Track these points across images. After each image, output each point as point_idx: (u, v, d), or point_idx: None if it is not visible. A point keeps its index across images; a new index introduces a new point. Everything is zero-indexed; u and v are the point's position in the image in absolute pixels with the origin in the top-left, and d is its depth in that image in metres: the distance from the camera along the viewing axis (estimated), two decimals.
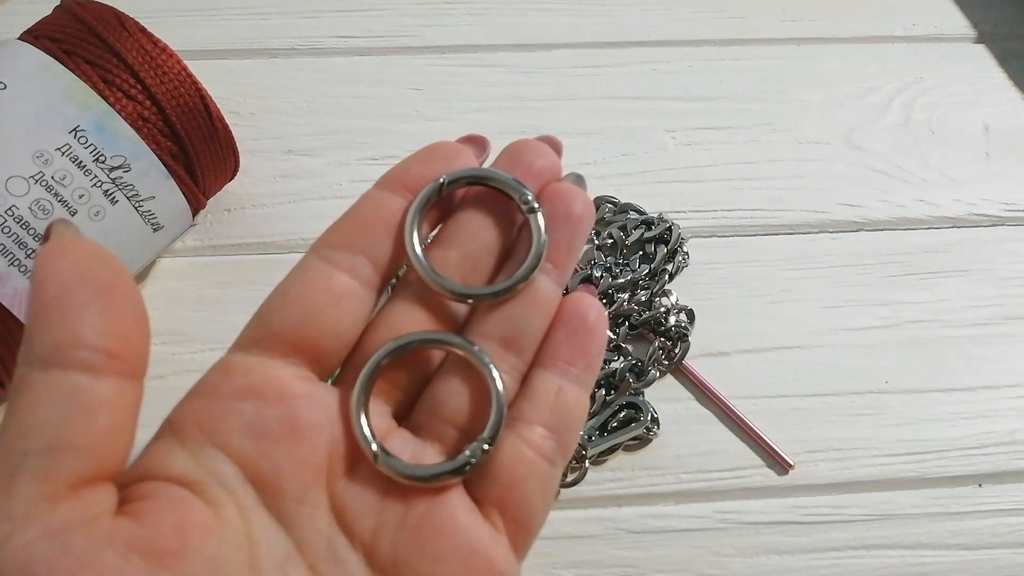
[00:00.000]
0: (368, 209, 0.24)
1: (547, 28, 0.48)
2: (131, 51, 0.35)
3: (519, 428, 0.24)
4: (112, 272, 0.20)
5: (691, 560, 0.36)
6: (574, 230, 0.25)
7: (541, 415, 0.24)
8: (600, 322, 0.25)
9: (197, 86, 0.36)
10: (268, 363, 0.22)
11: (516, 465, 0.23)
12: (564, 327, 0.25)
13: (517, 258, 0.25)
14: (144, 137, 0.35)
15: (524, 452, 0.23)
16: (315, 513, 0.22)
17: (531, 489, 0.23)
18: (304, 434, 0.22)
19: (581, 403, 0.25)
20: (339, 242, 0.24)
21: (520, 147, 0.26)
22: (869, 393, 0.40)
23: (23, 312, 0.33)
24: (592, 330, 0.25)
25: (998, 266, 0.43)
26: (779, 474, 0.38)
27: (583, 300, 0.25)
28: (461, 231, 0.25)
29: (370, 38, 0.47)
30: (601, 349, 0.25)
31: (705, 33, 0.49)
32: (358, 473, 0.23)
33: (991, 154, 0.46)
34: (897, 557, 0.37)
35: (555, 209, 0.25)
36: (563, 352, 0.24)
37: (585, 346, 0.25)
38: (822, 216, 0.44)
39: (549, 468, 0.24)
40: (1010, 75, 0.48)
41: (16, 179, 0.33)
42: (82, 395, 0.19)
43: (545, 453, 0.24)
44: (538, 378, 0.24)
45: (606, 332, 0.25)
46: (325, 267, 0.23)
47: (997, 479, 0.38)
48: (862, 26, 0.49)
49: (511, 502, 0.23)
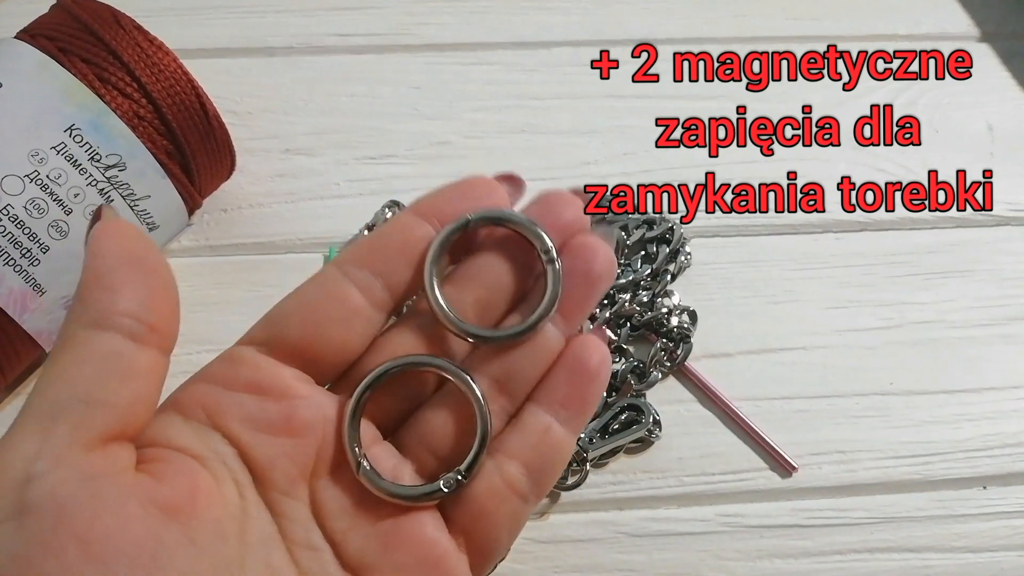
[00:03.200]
0: (395, 233, 0.25)
1: (547, 26, 0.48)
2: (127, 49, 0.35)
3: (499, 460, 0.24)
4: (154, 256, 0.22)
5: (693, 564, 0.36)
6: (590, 287, 0.25)
7: (523, 451, 0.24)
8: (602, 368, 0.25)
9: (193, 84, 0.36)
10: (273, 363, 0.24)
11: (488, 497, 0.24)
12: (565, 369, 0.25)
13: (530, 304, 0.26)
14: (140, 136, 0.35)
15: (498, 485, 0.24)
16: (297, 505, 0.23)
17: (498, 522, 0.24)
18: (299, 432, 0.23)
19: (566, 446, 0.25)
20: (361, 260, 0.25)
21: (551, 197, 0.26)
22: (873, 395, 0.39)
23: (19, 312, 0.33)
24: (592, 377, 0.25)
25: (1002, 266, 0.43)
26: (782, 477, 0.38)
27: (589, 345, 0.25)
28: (478, 272, 0.25)
29: (368, 36, 0.47)
30: (598, 395, 0.25)
31: (706, 32, 0.48)
32: (340, 477, 0.24)
33: (995, 154, 0.46)
34: (901, 560, 0.36)
35: (575, 264, 0.25)
36: (559, 393, 0.25)
37: (582, 391, 0.25)
38: (825, 216, 0.44)
39: (520, 504, 0.24)
40: (1014, 74, 0.48)
41: (11, 178, 0.32)
42: (122, 358, 0.21)
43: (519, 490, 0.24)
44: (529, 413, 0.25)
45: (607, 379, 0.25)
46: (342, 283, 0.24)
47: (1002, 481, 0.38)
48: (865, 25, 0.49)
49: (477, 531, 0.24)
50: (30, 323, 0.34)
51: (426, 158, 0.44)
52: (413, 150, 0.44)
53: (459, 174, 0.43)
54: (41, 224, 0.33)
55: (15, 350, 0.34)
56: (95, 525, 0.19)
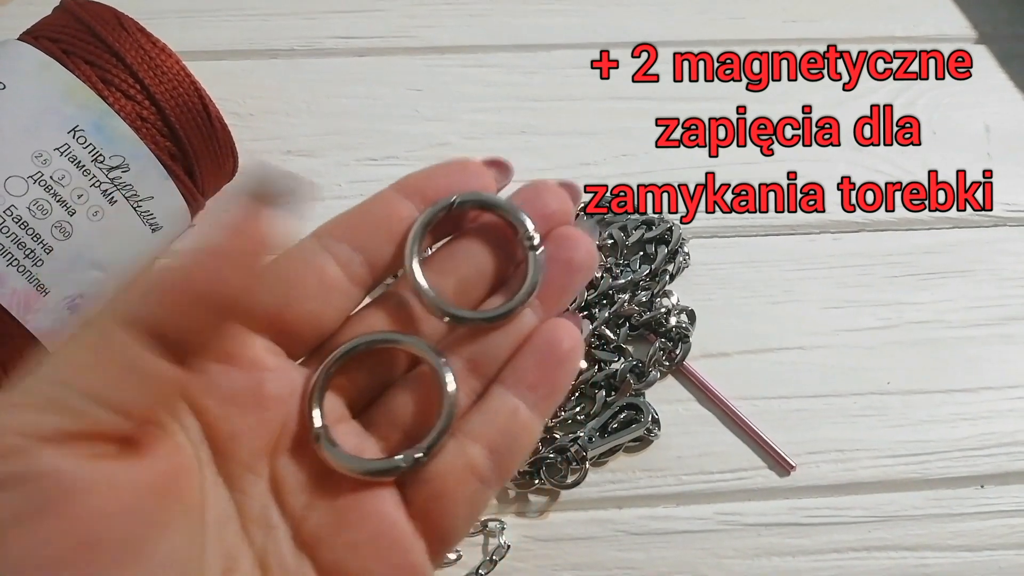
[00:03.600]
0: (378, 208, 0.25)
1: (547, 28, 0.48)
2: (130, 51, 0.35)
3: (462, 441, 0.24)
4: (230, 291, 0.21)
5: (692, 562, 0.36)
6: (570, 276, 0.25)
7: (488, 433, 0.24)
8: (573, 352, 0.25)
9: (196, 86, 0.36)
10: (245, 332, 0.23)
11: (447, 477, 0.23)
12: (535, 352, 0.24)
13: (509, 289, 0.25)
14: (143, 137, 0.35)
15: (459, 466, 0.23)
16: (257, 480, 0.23)
17: (457, 504, 0.23)
18: (266, 405, 0.23)
19: (532, 429, 0.24)
20: (342, 234, 0.24)
21: (538, 186, 0.26)
22: (871, 394, 0.40)
23: (22, 313, 0.33)
24: (562, 360, 0.24)
25: (1000, 267, 0.43)
26: (780, 475, 0.38)
27: (559, 328, 0.25)
28: (461, 254, 0.25)
29: (370, 39, 0.47)
30: (568, 379, 0.25)
31: (705, 34, 0.48)
32: (302, 452, 0.23)
33: (992, 155, 0.46)
34: (899, 559, 0.37)
35: (557, 252, 0.25)
36: (528, 375, 0.24)
37: (551, 374, 0.24)
38: (823, 216, 0.44)
39: (480, 488, 0.24)
40: (1011, 76, 0.48)
41: (15, 179, 0.33)
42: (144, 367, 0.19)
43: (480, 472, 0.24)
44: (496, 395, 0.24)
45: (578, 362, 0.25)
46: (321, 255, 0.24)
47: (999, 480, 0.38)
48: (863, 27, 0.49)
49: (434, 512, 0.23)
50: (33, 323, 0.34)
51: (427, 159, 0.43)
52: (414, 151, 0.44)
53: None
54: (44, 225, 0.33)
55: (18, 350, 0.34)
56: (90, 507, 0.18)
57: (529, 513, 0.37)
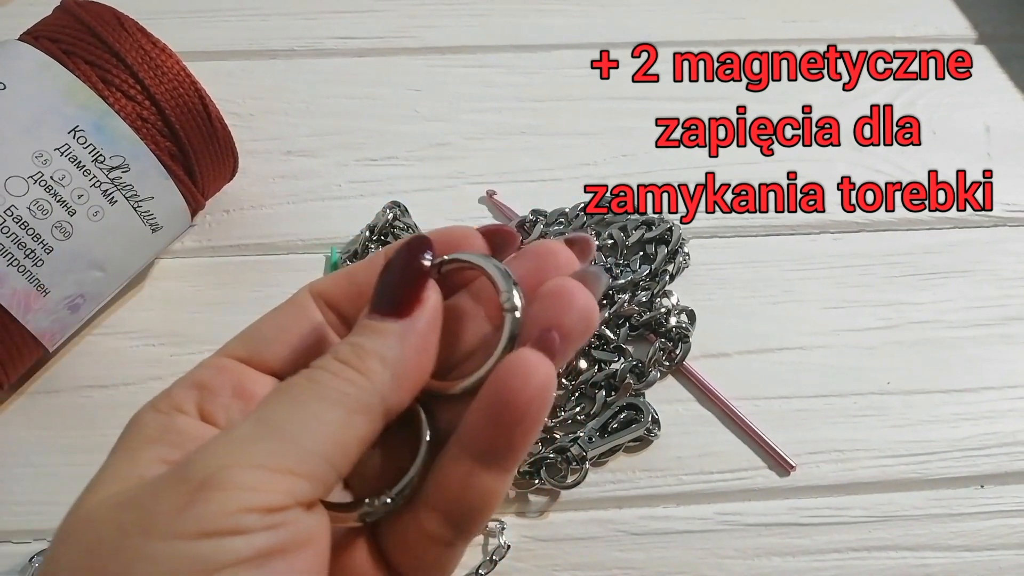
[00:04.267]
0: (366, 275, 0.24)
1: (547, 29, 0.48)
2: (130, 51, 0.35)
3: (417, 511, 0.22)
4: None
5: (692, 562, 0.36)
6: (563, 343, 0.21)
7: (442, 499, 0.22)
8: (536, 401, 0.20)
9: (196, 87, 0.36)
10: (256, 373, 0.24)
11: (412, 545, 0.22)
12: (486, 407, 0.21)
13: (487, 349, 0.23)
14: (143, 137, 0.35)
15: (419, 535, 0.22)
16: None
17: (424, 562, 0.23)
18: None
19: (494, 492, 0.22)
20: (335, 298, 0.25)
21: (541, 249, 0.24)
22: (871, 394, 0.40)
23: (22, 313, 0.33)
24: (519, 418, 0.20)
25: (1000, 267, 0.43)
26: (780, 475, 0.38)
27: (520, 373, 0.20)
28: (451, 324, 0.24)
29: (370, 39, 0.47)
30: (532, 434, 0.21)
31: (705, 34, 0.49)
32: None
33: (993, 155, 0.46)
34: (899, 559, 0.37)
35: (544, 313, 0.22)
36: (481, 435, 0.21)
37: (507, 434, 0.21)
38: (823, 216, 0.44)
39: (445, 550, 0.22)
40: (1011, 76, 0.48)
41: (15, 179, 0.33)
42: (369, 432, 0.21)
43: (439, 539, 0.22)
44: (450, 453, 0.22)
45: (544, 411, 0.21)
46: (315, 314, 0.24)
47: (999, 480, 0.38)
48: (863, 27, 0.49)
49: (402, 566, 0.23)
50: (33, 323, 0.34)
51: (426, 159, 0.44)
52: (414, 152, 0.44)
53: (459, 175, 0.44)
54: (45, 225, 0.33)
55: (18, 350, 0.34)
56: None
57: (529, 513, 0.37)
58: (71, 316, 0.36)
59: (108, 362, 0.38)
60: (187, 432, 0.22)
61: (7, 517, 0.35)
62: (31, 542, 0.35)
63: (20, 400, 0.38)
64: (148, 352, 0.39)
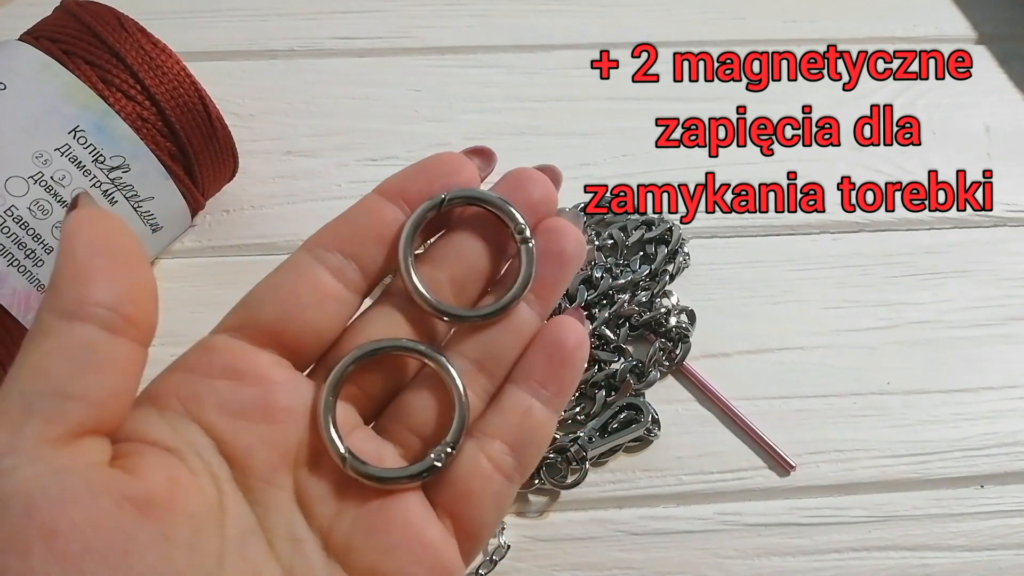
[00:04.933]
0: (363, 215, 0.25)
1: (547, 29, 0.48)
2: (130, 52, 0.35)
3: (482, 440, 0.24)
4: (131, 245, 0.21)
5: (692, 562, 0.36)
6: (563, 267, 0.26)
7: (505, 431, 0.25)
8: (579, 349, 0.25)
9: (196, 87, 0.36)
10: (248, 348, 0.24)
11: (472, 476, 0.24)
12: (542, 350, 0.25)
13: (504, 284, 0.26)
14: (143, 138, 0.35)
15: (482, 465, 0.24)
16: (279, 493, 0.23)
17: (484, 501, 0.24)
18: (277, 418, 0.23)
19: (547, 425, 0.25)
20: (331, 243, 0.24)
21: (520, 176, 0.26)
22: (871, 394, 0.40)
23: (23, 313, 0.33)
24: (569, 357, 0.25)
25: (1000, 267, 0.43)
26: (780, 475, 0.38)
27: (564, 325, 0.25)
28: (454, 252, 0.25)
29: (370, 39, 0.47)
30: (576, 375, 0.25)
31: (705, 34, 0.48)
32: (322, 462, 0.23)
33: (993, 155, 0.46)
34: (899, 559, 0.37)
35: (548, 244, 0.25)
36: (537, 373, 0.25)
37: (559, 371, 0.25)
38: (823, 217, 0.44)
39: (505, 484, 0.24)
40: (1011, 76, 0.48)
41: (15, 179, 0.33)
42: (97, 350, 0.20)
43: (503, 469, 0.24)
44: (508, 394, 0.25)
45: (585, 358, 0.25)
46: (314, 266, 0.24)
47: (999, 480, 0.38)
48: (863, 27, 0.49)
49: (463, 512, 0.24)
50: None
51: None
52: (414, 152, 0.44)
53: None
54: (45, 225, 0.33)
55: (18, 350, 0.34)
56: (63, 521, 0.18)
57: (529, 513, 0.37)
58: None
59: None
60: None
61: None
62: None
63: None
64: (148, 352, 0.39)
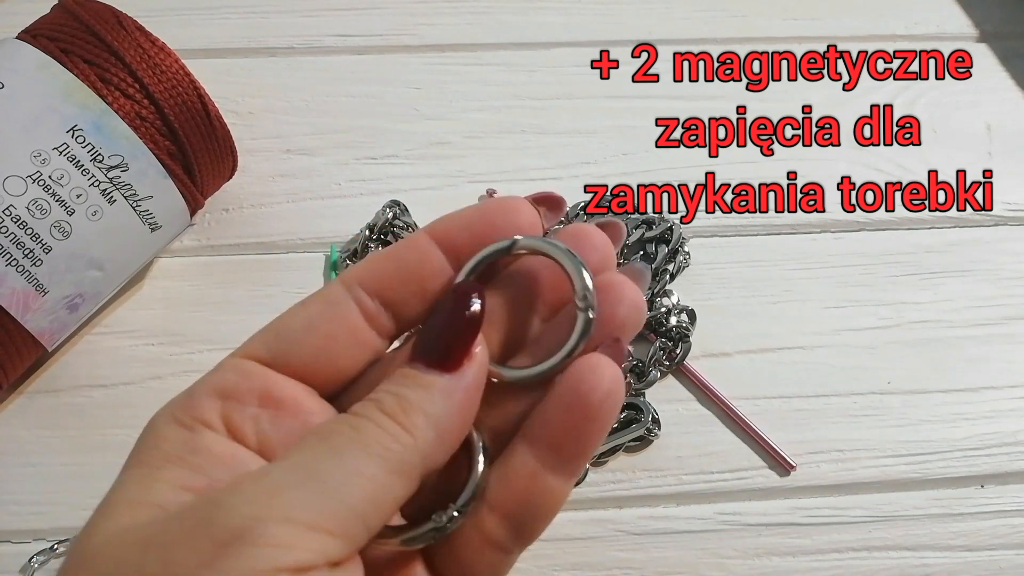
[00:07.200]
0: (410, 259, 0.23)
1: (547, 27, 0.48)
2: (129, 50, 0.35)
3: (478, 508, 0.22)
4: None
5: (692, 562, 0.36)
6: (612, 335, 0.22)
7: (505, 500, 0.22)
8: (607, 403, 0.21)
9: (195, 85, 0.36)
10: (283, 378, 0.22)
11: (465, 547, 0.22)
12: (560, 404, 0.21)
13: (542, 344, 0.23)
14: (142, 136, 0.35)
15: (475, 538, 0.22)
16: None
17: (477, 571, 0.22)
18: None
19: (558, 494, 0.22)
20: (372, 285, 0.23)
21: (579, 233, 0.23)
22: (871, 394, 0.40)
23: (21, 313, 0.33)
24: (593, 416, 0.21)
25: (1000, 266, 0.43)
26: (780, 475, 0.38)
27: (593, 372, 0.21)
28: (508, 308, 0.23)
29: (369, 37, 0.47)
30: (602, 433, 0.21)
31: (706, 32, 0.48)
32: None
33: (993, 154, 0.46)
34: (899, 558, 0.37)
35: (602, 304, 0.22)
36: (552, 433, 0.21)
37: (579, 433, 0.21)
38: (824, 216, 0.44)
39: (500, 556, 0.22)
40: (1012, 75, 0.48)
41: (14, 179, 0.32)
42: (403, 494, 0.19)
43: (497, 543, 0.22)
44: (517, 454, 0.22)
45: (617, 407, 0.21)
46: (351, 308, 0.22)
47: (999, 480, 0.38)
48: (863, 25, 0.49)
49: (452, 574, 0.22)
50: (32, 323, 0.34)
51: (426, 158, 0.44)
52: (413, 150, 0.44)
53: (459, 174, 0.44)
54: (44, 224, 0.33)
55: (17, 350, 0.34)
56: None
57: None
58: (70, 316, 0.36)
59: (107, 362, 0.38)
60: (212, 452, 0.20)
61: (7, 517, 0.35)
62: (31, 542, 0.35)
63: (19, 400, 0.37)
64: (147, 351, 0.39)
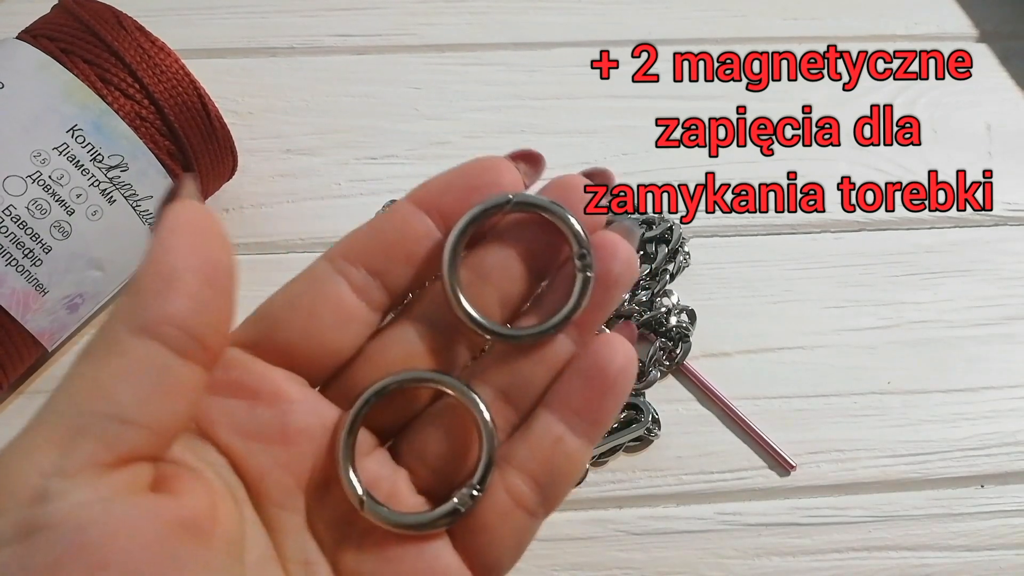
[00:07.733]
0: (393, 227, 0.23)
1: (547, 27, 0.48)
2: (129, 50, 0.35)
3: (505, 471, 0.23)
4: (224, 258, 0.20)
5: (692, 562, 0.36)
6: (608, 292, 0.23)
7: (531, 462, 0.22)
8: (623, 375, 0.22)
9: (195, 85, 0.36)
10: (263, 365, 0.22)
11: (491, 511, 0.22)
12: (581, 374, 0.23)
13: (543, 304, 0.23)
14: (142, 136, 0.35)
15: (502, 499, 0.22)
16: (292, 517, 0.22)
17: (502, 537, 0.22)
18: (293, 439, 0.22)
19: (579, 458, 0.23)
20: (356, 256, 0.23)
21: (568, 184, 0.24)
22: (871, 394, 0.40)
23: (21, 313, 0.33)
24: (610, 385, 0.22)
25: (1000, 266, 0.43)
26: (780, 475, 0.38)
27: (609, 347, 0.22)
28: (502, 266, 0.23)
29: (369, 36, 0.47)
30: (618, 403, 0.23)
31: (706, 32, 0.48)
32: (333, 489, 0.22)
33: (993, 154, 0.46)
34: (899, 558, 0.37)
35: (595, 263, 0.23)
36: (574, 400, 0.22)
37: (598, 400, 0.22)
38: (824, 216, 0.44)
39: (526, 520, 0.23)
40: (1012, 75, 0.48)
41: (14, 179, 0.32)
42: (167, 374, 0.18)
43: (525, 504, 0.23)
44: (539, 420, 0.23)
45: (629, 385, 0.23)
46: (336, 281, 0.22)
47: (999, 480, 0.38)
48: (863, 25, 0.49)
49: (480, 546, 0.22)
50: (32, 323, 0.34)
51: (427, 158, 0.44)
52: (414, 150, 0.44)
53: None
54: (43, 224, 0.33)
55: (17, 350, 0.34)
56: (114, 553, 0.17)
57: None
58: (70, 316, 0.36)
59: None
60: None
61: None
62: None
63: (19, 400, 0.37)
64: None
